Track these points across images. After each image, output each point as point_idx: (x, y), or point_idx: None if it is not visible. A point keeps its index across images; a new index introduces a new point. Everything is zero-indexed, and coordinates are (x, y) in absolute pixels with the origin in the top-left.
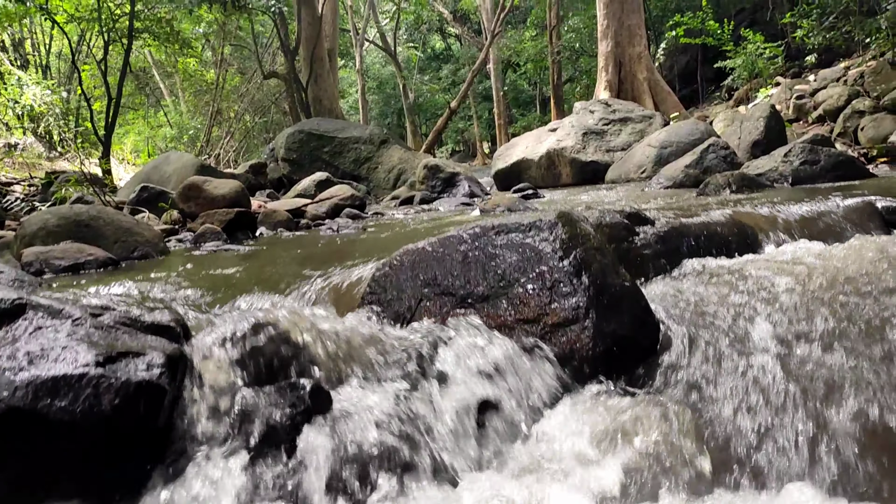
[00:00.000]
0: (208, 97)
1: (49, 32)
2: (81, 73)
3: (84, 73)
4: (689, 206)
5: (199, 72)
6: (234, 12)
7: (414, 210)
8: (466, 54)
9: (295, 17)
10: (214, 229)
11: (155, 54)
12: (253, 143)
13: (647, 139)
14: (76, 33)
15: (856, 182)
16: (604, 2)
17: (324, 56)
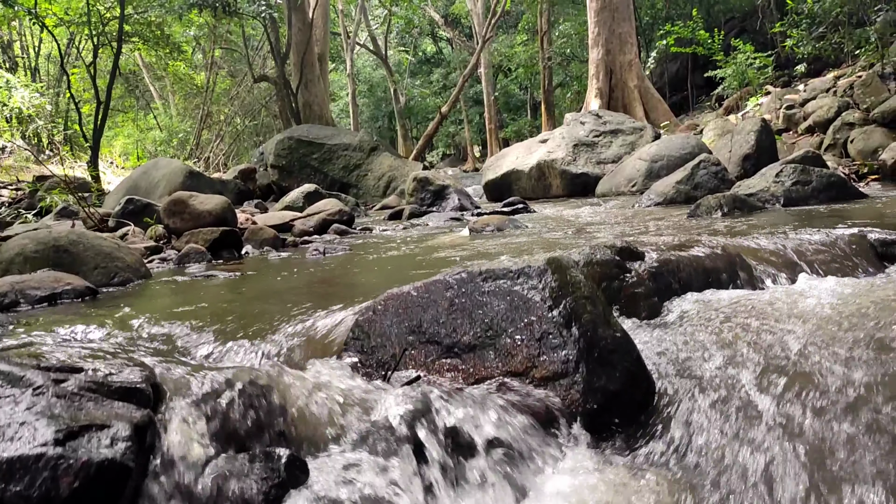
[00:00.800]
0: (198, 100)
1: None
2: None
3: (73, 77)
4: (682, 237)
5: (189, 75)
6: (225, 17)
7: (402, 226)
8: (458, 58)
9: (286, 22)
10: (199, 249)
11: (145, 57)
12: (243, 147)
13: (637, 152)
14: (65, 36)
15: (847, 204)
16: (595, 10)
17: (314, 62)
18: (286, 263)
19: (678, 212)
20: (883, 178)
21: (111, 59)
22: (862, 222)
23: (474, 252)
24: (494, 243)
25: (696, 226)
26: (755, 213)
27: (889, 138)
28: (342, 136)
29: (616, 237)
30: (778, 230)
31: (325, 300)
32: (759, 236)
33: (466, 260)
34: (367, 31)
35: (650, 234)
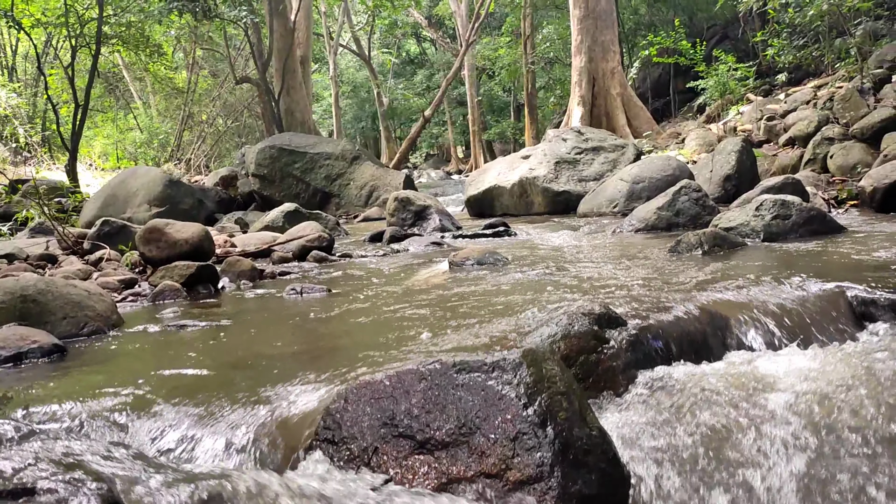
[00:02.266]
0: (179, 101)
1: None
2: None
3: (51, 78)
4: (661, 290)
5: (170, 76)
6: (205, 21)
7: (382, 251)
8: (441, 59)
9: (267, 27)
10: (174, 286)
11: (125, 58)
12: (225, 148)
13: (619, 173)
14: (43, 37)
15: (826, 240)
16: (577, 17)
17: (296, 67)
18: (262, 307)
19: (659, 242)
20: (862, 203)
21: (90, 59)
22: (841, 264)
23: (452, 298)
24: (473, 286)
25: (677, 269)
26: (736, 250)
27: (868, 154)
28: (324, 144)
29: (594, 300)
30: (756, 281)
31: (299, 368)
32: (738, 290)
33: (444, 307)
34: (351, 32)
35: (630, 280)
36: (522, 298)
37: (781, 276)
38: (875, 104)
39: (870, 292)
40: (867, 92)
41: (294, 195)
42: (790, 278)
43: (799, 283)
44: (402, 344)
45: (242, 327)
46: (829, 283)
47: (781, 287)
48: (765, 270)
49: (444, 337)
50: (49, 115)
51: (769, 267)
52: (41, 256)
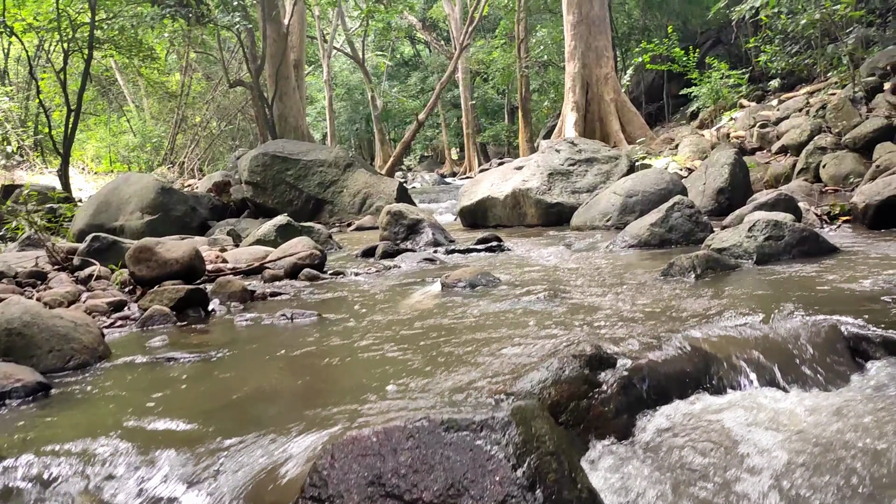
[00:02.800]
0: (173, 104)
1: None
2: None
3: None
4: (653, 327)
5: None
6: (198, 26)
7: (374, 268)
8: (435, 62)
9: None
10: (163, 311)
11: (118, 61)
12: (219, 151)
13: (612, 186)
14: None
15: (819, 262)
16: (571, 23)
17: (289, 73)
18: (252, 335)
19: (652, 261)
20: (854, 219)
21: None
22: (833, 293)
23: (443, 331)
24: (465, 315)
25: (669, 296)
26: (729, 273)
27: (860, 164)
28: (318, 151)
29: (585, 338)
30: (749, 312)
31: (287, 414)
32: (730, 324)
33: (435, 340)
34: (345, 34)
35: (622, 309)
36: (513, 333)
37: (774, 307)
38: (867, 114)
39: (864, 327)
40: (859, 101)
41: (287, 202)
42: (783, 310)
43: (792, 317)
44: (393, 384)
45: (231, 361)
46: (822, 316)
47: (774, 320)
48: (757, 300)
49: (435, 378)
50: (41, 119)
51: (762, 296)
52: (30, 274)
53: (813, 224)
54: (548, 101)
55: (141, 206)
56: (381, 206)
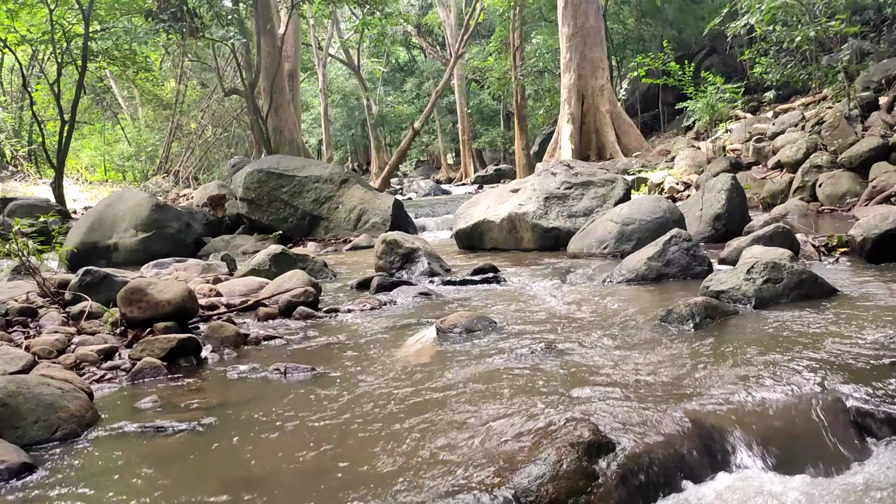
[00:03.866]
0: (168, 112)
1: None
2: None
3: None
4: (652, 397)
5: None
6: (192, 40)
7: (369, 305)
8: (431, 67)
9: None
10: (154, 364)
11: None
12: (214, 158)
13: (609, 213)
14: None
15: (819, 307)
16: (566, 35)
17: (284, 86)
18: (245, 396)
19: (650, 300)
20: (852, 252)
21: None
22: (835, 351)
23: (437, 395)
24: (460, 371)
25: (668, 353)
26: (728, 321)
27: (857, 183)
28: (313, 167)
29: (582, 418)
30: (750, 377)
31: None
32: (731, 393)
33: (428, 408)
34: (340, 41)
35: (619, 370)
36: (508, 402)
37: (775, 373)
38: (863, 132)
39: (868, 401)
40: (855, 119)
41: (282, 219)
42: (784, 373)
43: (794, 386)
44: (386, 470)
45: (220, 434)
46: (826, 387)
47: (776, 389)
48: (757, 362)
49: (429, 466)
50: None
51: (761, 356)
52: (21, 311)
53: (811, 256)
54: (543, 108)
55: (135, 224)
56: (376, 223)
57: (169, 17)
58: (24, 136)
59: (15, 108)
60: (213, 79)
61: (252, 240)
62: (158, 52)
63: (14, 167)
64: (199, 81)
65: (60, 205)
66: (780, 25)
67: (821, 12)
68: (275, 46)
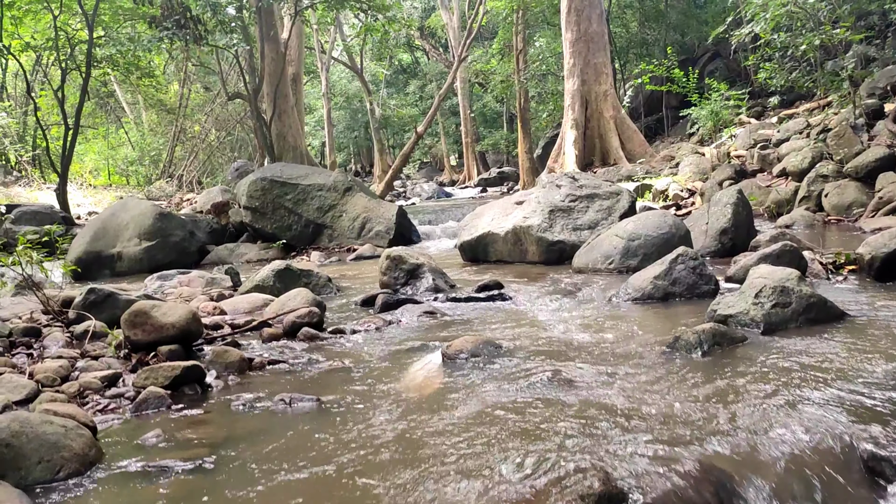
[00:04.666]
0: (171, 116)
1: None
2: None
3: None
4: (662, 437)
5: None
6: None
7: (374, 325)
8: (434, 70)
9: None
10: (158, 393)
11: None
12: (217, 162)
13: (614, 228)
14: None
15: (828, 332)
16: (570, 40)
17: (287, 92)
18: (250, 430)
19: (655, 321)
20: (860, 270)
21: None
22: (845, 384)
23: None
24: (465, 402)
25: (676, 386)
26: (736, 348)
27: (863, 194)
28: (316, 175)
29: (592, 467)
30: (760, 417)
31: None
32: (741, 435)
33: (434, 447)
34: (343, 44)
35: (627, 404)
36: (515, 443)
37: (786, 410)
38: (868, 142)
39: (880, 444)
40: (860, 128)
41: (286, 227)
42: (795, 412)
43: (806, 425)
44: None
45: (225, 474)
46: (837, 427)
47: (788, 430)
48: (767, 399)
49: None
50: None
51: (771, 392)
52: (24, 331)
53: (818, 274)
54: (547, 112)
55: (139, 233)
56: (380, 231)
57: (173, 24)
58: (29, 141)
59: (19, 112)
60: (217, 82)
61: (256, 248)
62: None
63: (18, 172)
64: (203, 85)
65: (65, 211)
66: (784, 31)
67: (825, 18)
68: (278, 52)
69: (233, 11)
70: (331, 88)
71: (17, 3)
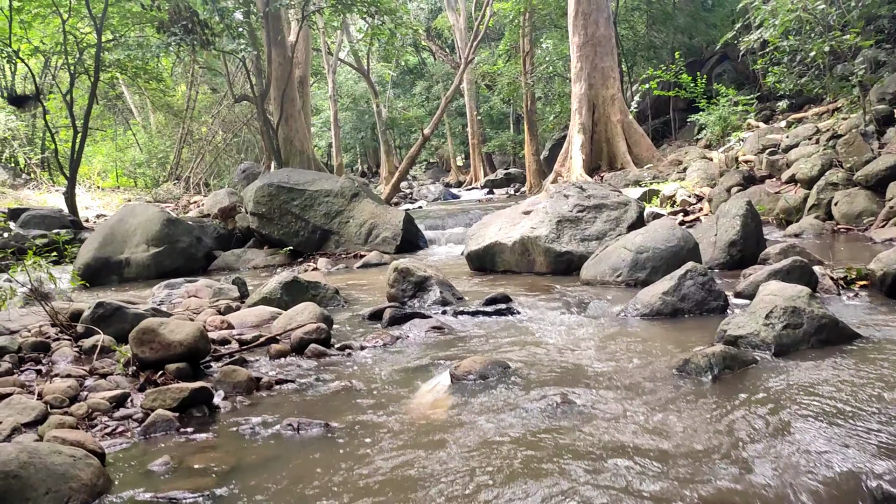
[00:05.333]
0: (179, 117)
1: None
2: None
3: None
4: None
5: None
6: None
7: (382, 341)
8: (440, 70)
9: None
10: (165, 417)
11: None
12: (224, 164)
13: (622, 240)
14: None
15: (840, 353)
16: (577, 44)
17: (294, 96)
18: (259, 457)
19: (665, 339)
20: (871, 286)
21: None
22: (858, 411)
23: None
24: (473, 431)
25: (685, 415)
26: (747, 372)
27: (873, 202)
28: (323, 181)
29: None
30: (771, 453)
31: None
32: (753, 474)
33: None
34: (349, 45)
35: (638, 433)
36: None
37: (798, 444)
38: (879, 150)
39: (893, 484)
40: (871, 135)
41: (293, 233)
42: (807, 446)
43: (818, 460)
44: None
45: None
46: (847, 463)
47: (800, 465)
48: (779, 430)
49: None
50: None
51: (783, 423)
52: (34, 346)
53: (829, 290)
54: (554, 114)
55: (146, 239)
56: (387, 237)
57: (180, 29)
58: (38, 143)
59: (28, 115)
60: (224, 84)
61: (263, 254)
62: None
63: (28, 174)
64: (210, 87)
65: (73, 214)
66: (793, 35)
67: (835, 22)
68: (285, 57)
69: (240, 17)
70: (337, 89)
71: (26, 8)
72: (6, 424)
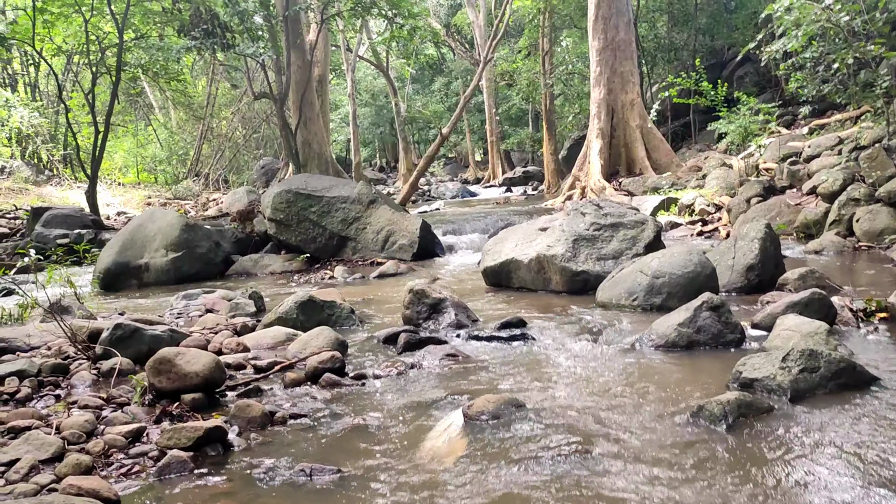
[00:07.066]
0: (199, 113)
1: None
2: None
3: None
4: None
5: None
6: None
7: (396, 370)
8: (459, 67)
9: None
10: (180, 458)
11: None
12: (244, 160)
13: (639, 263)
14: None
15: (857, 399)
16: (596, 49)
17: (313, 100)
18: None
19: (680, 376)
20: (891, 318)
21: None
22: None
23: None
24: (486, 481)
25: (702, 467)
26: (762, 419)
27: (895, 220)
28: (340, 188)
29: None
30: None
31: None
32: None
33: None
34: (368, 42)
35: (652, 489)
36: None
37: (813, 498)
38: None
39: None
40: (894, 150)
41: (311, 239)
42: None
43: None
44: None
45: None
46: None
47: None
48: (793, 484)
49: None
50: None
51: (797, 474)
52: (53, 369)
53: (848, 322)
54: (572, 113)
55: (165, 244)
56: (403, 245)
57: (201, 32)
58: (60, 139)
59: (51, 111)
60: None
61: (280, 259)
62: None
63: (50, 171)
64: (230, 83)
65: (94, 213)
66: (816, 41)
67: (859, 28)
68: (305, 60)
69: (260, 20)
70: (356, 85)
71: (48, 7)
72: (24, 462)
